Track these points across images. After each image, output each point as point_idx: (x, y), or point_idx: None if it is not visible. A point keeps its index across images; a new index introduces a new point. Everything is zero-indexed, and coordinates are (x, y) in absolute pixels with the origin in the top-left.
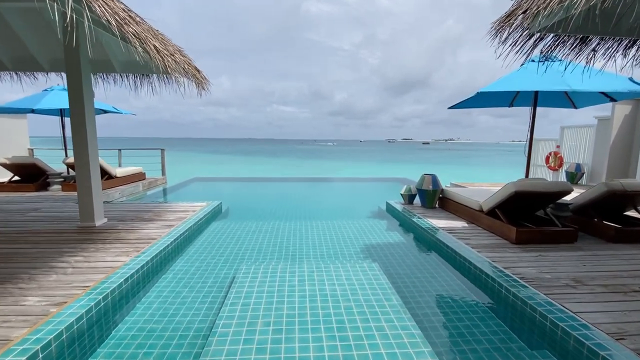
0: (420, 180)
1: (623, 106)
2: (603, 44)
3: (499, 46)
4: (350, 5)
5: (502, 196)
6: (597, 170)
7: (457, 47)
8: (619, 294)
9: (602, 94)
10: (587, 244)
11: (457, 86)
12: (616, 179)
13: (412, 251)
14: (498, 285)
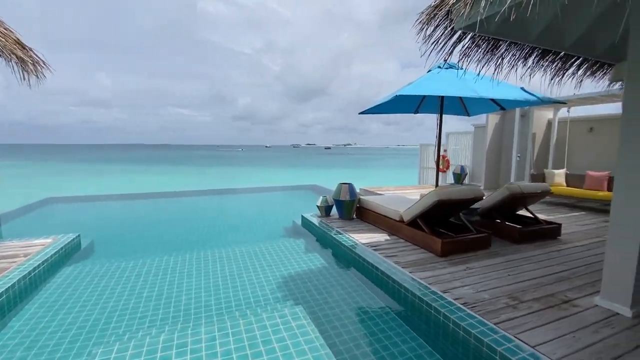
0: (337, 190)
1: (494, 116)
2: (509, 51)
3: (423, 43)
4: (249, 9)
5: (424, 205)
6: (476, 171)
7: (350, 59)
8: (554, 309)
9: (493, 102)
10: (499, 247)
11: (351, 96)
12: (515, 183)
13: (338, 278)
14: (444, 317)
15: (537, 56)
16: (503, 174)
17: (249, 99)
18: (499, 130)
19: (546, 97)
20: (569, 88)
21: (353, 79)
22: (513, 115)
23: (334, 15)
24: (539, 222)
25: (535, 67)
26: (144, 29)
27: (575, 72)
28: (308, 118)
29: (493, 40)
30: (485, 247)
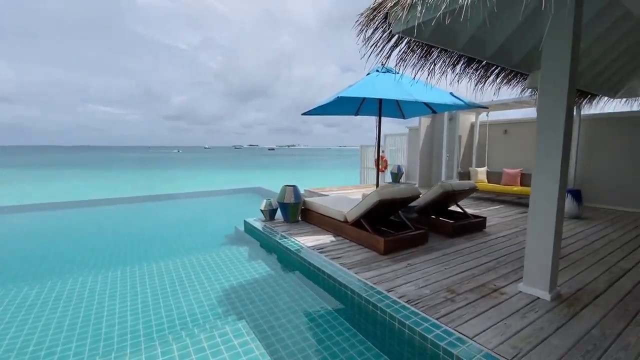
0: (281, 193)
1: (426, 119)
2: (440, 57)
3: (363, 46)
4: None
5: (366, 206)
6: (411, 171)
7: (291, 61)
8: (486, 298)
9: (426, 106)
10: (435, 242)
11: (294, 97)
12: (446, 182)
13: (284, 285)
14: (390, 317)
15: (463, 64)
16: (435, 173)
17: (184, 97)
18: (430, 132)
19: (471, 102)
20: (489, 94)
21: (295, 81)
22: (442, 119)
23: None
24: (468, 217)
25: (462, 74)
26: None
27: (495, 79)
28: (250, 118)
29: (427, 46)
30: (423, 242)
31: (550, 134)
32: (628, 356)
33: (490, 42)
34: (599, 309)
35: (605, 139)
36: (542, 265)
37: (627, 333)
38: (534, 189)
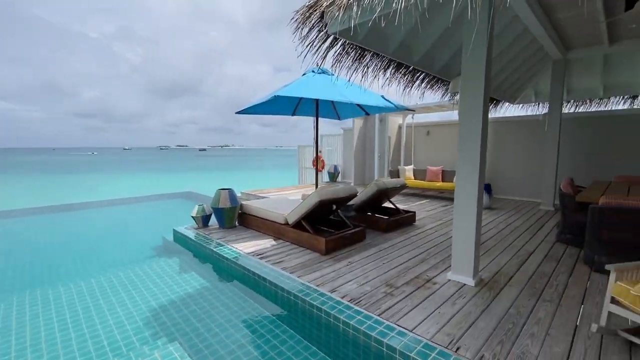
0: (216, 198)
1: (359, 120)
2: (372, 61)
3: (299, 44)
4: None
5: (307, 207)
6: (347, 170)
7: (223, 58)
8: (421, 289)
9: (360, 108)
10: (372, 238)
11: (226, 96)
12: (380, 179)
13: (221, 297)
14: (334, 319)
15: (393, 68)
16: (368, 172)
17: (98, 92)
18: (363, 133)
19: (400, 104)
20: (415, 98)
21: (228, 79)
22: (373, 120)
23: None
24: (400, 212)
25: (392, 78)
26: None
27: (420, 84)
28: (178, 117)
29: (360, 49)
30: (361, 239)
31: (471, 135)
32: (540, 330)
33: (416, 49)
34: (514, 289)
35: (507, 139)
36: (467, 254)
37: (537, 309)
38: (459, 185)
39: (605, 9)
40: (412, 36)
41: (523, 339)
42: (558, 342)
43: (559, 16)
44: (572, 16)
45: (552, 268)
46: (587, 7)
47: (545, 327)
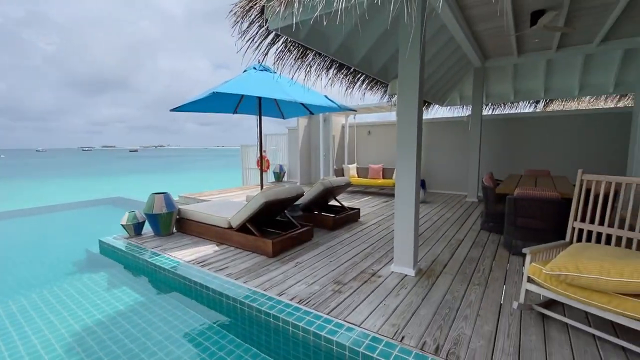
0: (149, 203)
1: (303, 119)
2: (315, 60)
3: (238, 39)
4: None
5: (252, 208)
6: (293, 170)
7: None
8: (367, 284)
9: (304, 107)
10: (320, 237)
11: (160, 92)
12: (326, 178)
13: (159, 312)
14: (284, 322)
15: (335, 69)
16: (314, 171)
17: (3, 85)
18: (308, 132)
19: (343, 105)
20: (356, 99)
21: (162, 74)
22: (318, 119)
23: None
24: (345, 209)
25: (334, 78)
26: None
27: (361, 86)
28: (104, 114)
29: (303, 47)
30: (309, 239)
31: (408, 134)
32: (472, 312)
33: (356, 51)
34: (448, 276)
35: (438, 138)
36: (407, 246)
37: (468, 292)
38: (398, 181)
39: (515, 24)
40: (353, 38)
41: (458, 322)
42: (487, 321)
43: (478, 28)
44: (488, 29)
45: (479, 254)
46: (500, 22)
47: (475, 309)
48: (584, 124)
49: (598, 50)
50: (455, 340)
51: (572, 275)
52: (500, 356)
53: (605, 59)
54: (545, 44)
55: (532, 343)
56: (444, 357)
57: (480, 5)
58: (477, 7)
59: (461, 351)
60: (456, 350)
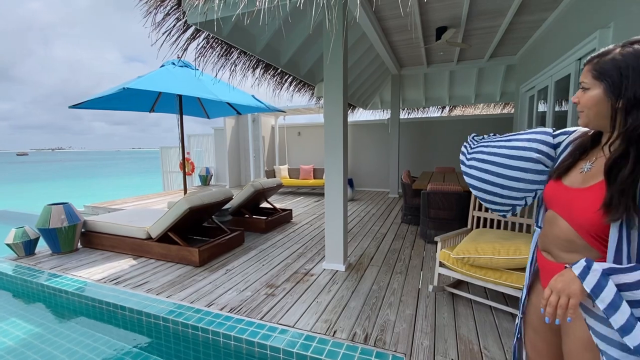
0: (44, 216)
1: (230, 119)
2: (240, 59)
3: (152, 31)
4: None
5: (174, 216)
6: (221, 172)
7: (49, 37)
8: (300, 283)
9: (230, 106)
10: (251, 241)
11: (56, 84)
12: (256, 180)
13: (61, 343)
14: (213, 334)
15: (262, 69)
16: (244, 172)
17: None
18: (236, 133)
19: (271, 105)
20: (285, 100)
21: (59, 64)
22: (246, 120)
23: None
24: (277, 211)
25: (261, 78)
26: None
27: (289, 87)
28: None
29: (226, 45)
30: (240, 244)
31: (335, 135)
32: (395, 298)
33: (283, 52)
34: (375, 267)
35: (362, 140)
36: (337, 243)
37: (392, 281)
38: (327, 181)
39: (423, 37)
40: (279, 39)
41: (384, 309)
42: (408, 305)
43: (394, 39)
44: (402, 40)
45: (400, 245)
46: (411, 35)
47: (398, 295)
48: (479, 126)
49: (487, 64)
50: (382, 327)
51: (473, 257)
52: (420, 335)
53: (493, 73)
54: (448, 57)
55: (444, 320)
56: (372, 345)
57: (394, 18)
58: (392, 19)
59: (387, 336)
60: (383, 337)
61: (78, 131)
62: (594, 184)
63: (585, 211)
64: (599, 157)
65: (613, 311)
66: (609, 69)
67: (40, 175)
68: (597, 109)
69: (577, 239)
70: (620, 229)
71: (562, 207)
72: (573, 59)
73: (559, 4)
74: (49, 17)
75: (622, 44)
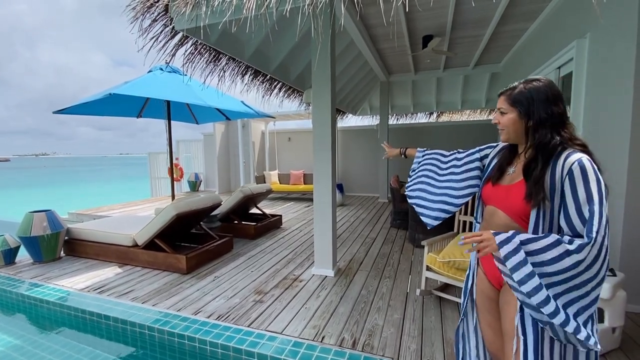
0: (25, 224)
1: (220, 125)
2: (229, 65)
3: (139, 36)
4: None
5: (161, 223)
6: (210, 178)
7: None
8: (289, 290)
9: (219, 112)
10: (241, 247)
11: (42, 89)
12: (246, 186)
13: (42, 355)
14: (200, 342)
15: (251, 75)
16: (234, 178)
17: None
18: (226, 139)
19: (260, 111)
20: (275, 105)
21: (44, 68)
22: (236, 125)
23: None
24: (267, 217)
25: (250, 84)
26: None
27: (278, 93)
28: None
29: (215, 51)
30: (229, 250)
31: (323, 141)
32: (384, 303)
33: (272, 58)
34: (364, 272)
35: (353, 145)
36: (326, 248)
37: (380, 286)
38: (315, 186)
39: (410, 45)
40: (268, 45)
41: (372, 314)
42: (396, 309)
43: (381, 46)
44: (390, 47)
45: (389, 249)
46: (398, 43)
47: (387, 300)
48: (466, 131)
49: (473, 72)
50: (370, 331)
51: (459, 261)
52: (407, 339)
53: (478, 80)
54: (435, 65)
55: (431, 323)
56: (360, 350)
57: (382, 26)
58: (380, 27)
59: (375, 341)
60: (371, 341)
61: (63, 136)
62: (518, 181)
63: (515, 201)
64: (519, 162)
65: (514, 270)
66: (520, 99)
67: (22, 181)
68: (515, 127)
69: (511, 223)
70: (538, 211)
71: (499, 201)
72: (553, 67)
73: (540, 14)
74: (34, 20)
75: (524, 81)
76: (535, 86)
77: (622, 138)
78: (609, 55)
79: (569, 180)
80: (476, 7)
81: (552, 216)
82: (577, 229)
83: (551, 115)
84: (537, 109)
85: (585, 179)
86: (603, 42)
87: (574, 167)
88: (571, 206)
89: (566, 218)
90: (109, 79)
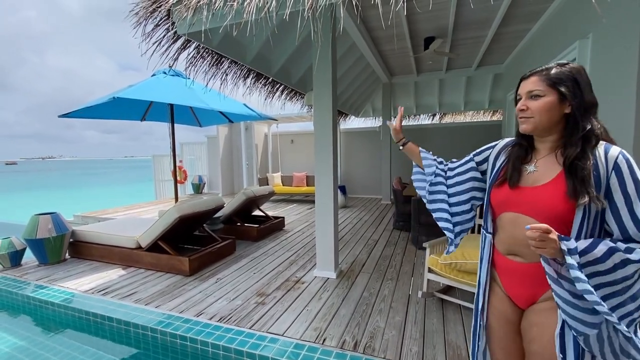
0: (31, 226)
1: (223, 127)
2: (231, 68)
3: (142, 41)
4: None
5: (164, 225)
6: (214, 180)
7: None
8: (291, 291)
9: (222, 114)
10: (243, 249)
11: (49, 93)
12: (248, 188)
13: (48, 356)
14: (202, 344)
15: (253, 78)
16: (237, 180)
17: None
18: (229, 141)
19: (263, 113)
20: (277, 108)
21: (52, 72)
22: (239, 128)
23: None
24: (270, 219)
25: (252, 87)
26: None
27: (280, 95)
28: None
29: (217, 55)
30: (231, 252)
31: (324, 143)
32: (385, 305)
33: (274, 61)
34: (366, 274)
35: (355, 147)
36: (328, 250)
37: (382, 288)
38: (317, 188)
39: (412, 47)
40: (269, 48)
41: (374, 316)
42: (398, 312)
43: (383, 48)
44: (392, 50)
45: (391, 251)
46: (400, 45)
47: (389, 302)
48: (469, 132)
49: (475, 73)
50: (371, 334)
51: (461, 263)
52: (409, 342)
53: (481, 81)
54: (437, 66)
55: (433, 326)
56: (361, 352)
57: (383, 28)
58: (381, 29)
59: (376, 343)
60: (372, 344)
61: (69, 140)
62: (550, 180)
63: (551, 202)
64: (540, 158)
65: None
66: (564, 78)
67: (28, 184)
68: (550, 115)
69: None
70: (584, 212)
71: (525, 206)
72: None
73: (542, 15)
74: (42, 26)
75: (556, 64)
76: (575, 67)
77: (625, 138)
78: (611, 55)
79: (616, 175)
80: (477, 8)
81: (597, 218)
82: (630, 232)
83: (594, 101)
84: (584, 91)
85: (632, 174)
86: (605, 42)
87: (619, 160)
88: (622, 206)
89: (616, 219)
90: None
